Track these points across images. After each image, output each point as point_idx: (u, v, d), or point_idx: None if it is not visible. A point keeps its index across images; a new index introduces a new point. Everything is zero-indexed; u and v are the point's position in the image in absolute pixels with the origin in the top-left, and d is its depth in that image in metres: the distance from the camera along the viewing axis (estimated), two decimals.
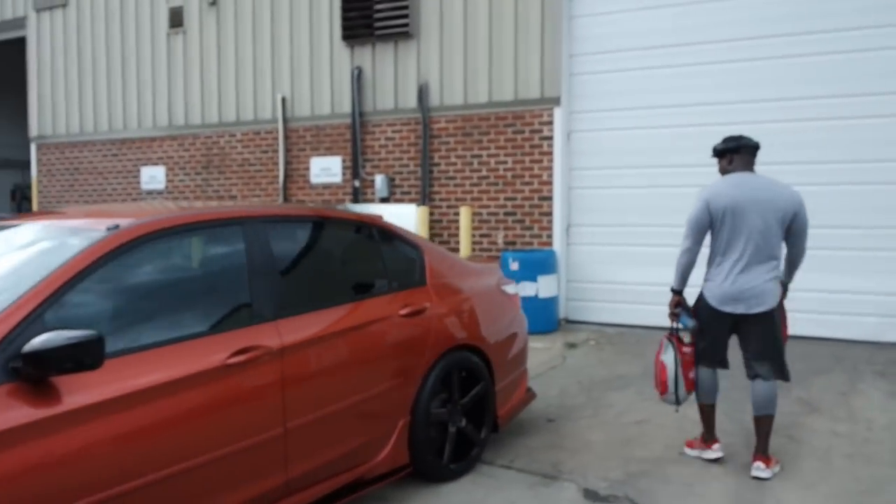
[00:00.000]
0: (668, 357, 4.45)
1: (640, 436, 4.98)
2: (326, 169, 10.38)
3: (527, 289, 8.38)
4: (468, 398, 4.40)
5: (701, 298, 4.43)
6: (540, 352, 7.61)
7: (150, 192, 11.87)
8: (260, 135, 10.84)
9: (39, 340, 2.59)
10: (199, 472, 3.06)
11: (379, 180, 9.86)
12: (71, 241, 3.12)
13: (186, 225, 3.40)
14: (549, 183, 8.98)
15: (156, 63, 11.63)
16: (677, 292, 4.46)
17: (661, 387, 4.51)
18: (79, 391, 2.73)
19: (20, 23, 12.97)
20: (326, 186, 10.40)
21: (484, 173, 9.34)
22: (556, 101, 8.87)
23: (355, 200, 10.09)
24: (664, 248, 8.29)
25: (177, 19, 11.35)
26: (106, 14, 12.06)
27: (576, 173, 9.08)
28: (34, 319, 2.72)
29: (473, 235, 9.37)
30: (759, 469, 4.23)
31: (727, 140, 4.42)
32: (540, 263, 8.51)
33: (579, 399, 5.86)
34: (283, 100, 10.56)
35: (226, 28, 10.98)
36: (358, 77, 9.97)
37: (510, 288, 5.05)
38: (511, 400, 4.85)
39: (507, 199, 9.21)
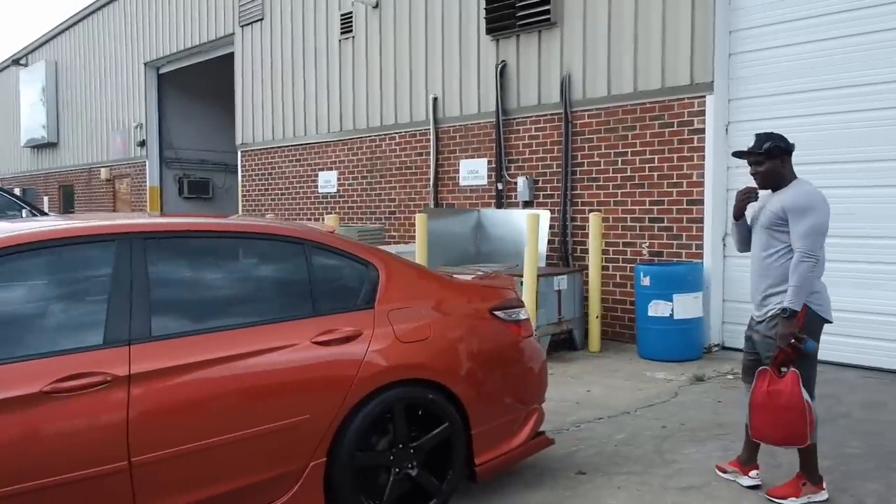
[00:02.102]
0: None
1: None
2: (474, 171, 9.87)
3: (659, 308, 7.20)
4: (423, 441, 3.67)
5: (813, 314, 3.84)
6: (654, 384, 6.44)
7: (324, 196, 12.22)
8: (416, 137, 10.61)
9: None
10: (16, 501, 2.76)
11: (521, 183, 9.13)
12: None
13: (42, 242, 3.10)
14: (700, 184, 7.64)
15: (330, 69, 11.92)
16: (797, 313, 3.77)
17: (811, 427, 3.71)
18: None
19: (231, 39, 14.08)
20: (473, 189, 9.88)
21: (628, 174, 8.21)
22: (709, 86, 7.52)
23: (499, 205, 9.45)
24: (850, 263, 6.74)
25: (347, 24, 11.53)
26: (291, 24, 12.65)
27: (736, 172, 7.60)
28: None
29: (617, 244, 8.28)
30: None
31: (776, 137, 3.93)
32: (677, 279, 7.24)
33: (642, 449, 4.74)
34: (435, 100, 10.23)
35: (386, 30, 10.92)
36: (501, 72, 9.33)
37: (516, 313, 4.15)
38: (502, 446, 3.98)
39: (652, 203, 8.01)
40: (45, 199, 22.16)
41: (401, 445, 3.63)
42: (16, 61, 22.95)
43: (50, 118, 20.97)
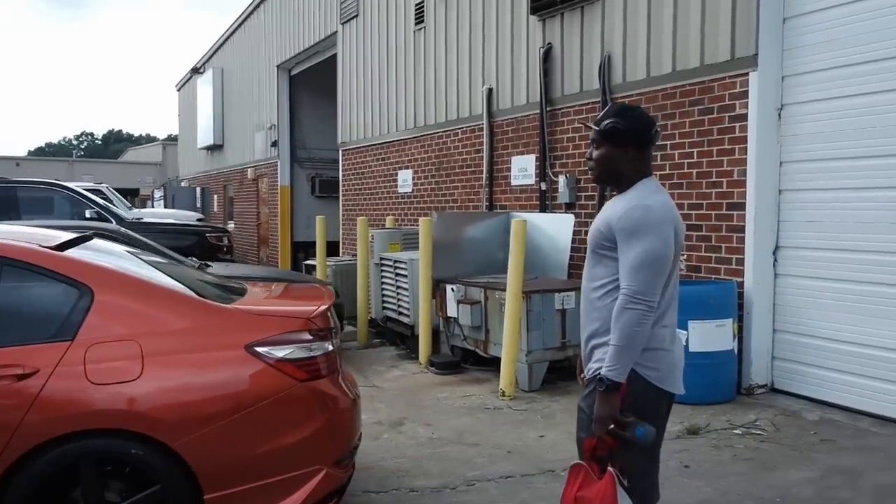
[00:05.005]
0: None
1: None
2: (523, 169, 8.81)
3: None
4: None
5: (645, 385, 2.60)
6: None
7: (403, 195, 11.67)
8: (474, 132, 9.74)
9: None
10: None
11: (562, 182, 7.98)
12: None
13: None
14: (742, 184, 6.12)
15: (406, 63, 11.34)
16: (620, 385, 2.53)
17: None
18: None
19: (335, 38, 13.96)
20: (523, 189, 8.83)
21: (667, 171, 6.82)
22: (752, 61, 5.98)
23: (542, 207, 8.34)
24: None
25: (420, 14, 10.89)
26: (378, 19, 12.22)
27: (790, 168, 6.03)
28: None
29: None
30: None
31: (630, 117, 2.74)
32: (693, 302, 5.78)
33: None
34: (490, 91, 9.28)
35: (451, 16, 10.13)
36: (545, 57, 8.20)
37: (292, 350, 3.30)
38: None
39: (691, 206, 6.56)
40: (215, 197, 23.78)
41: None
42: (195, 70, 24.80)
43: (216, 122, 22.36)
